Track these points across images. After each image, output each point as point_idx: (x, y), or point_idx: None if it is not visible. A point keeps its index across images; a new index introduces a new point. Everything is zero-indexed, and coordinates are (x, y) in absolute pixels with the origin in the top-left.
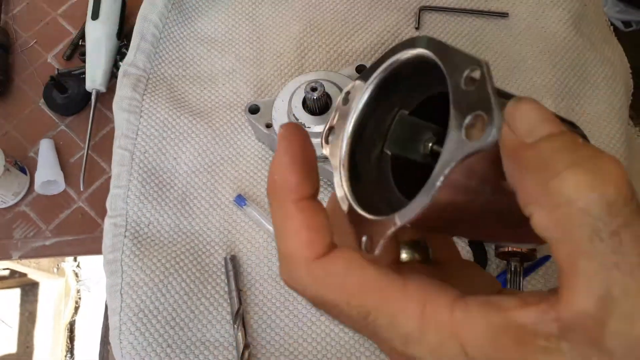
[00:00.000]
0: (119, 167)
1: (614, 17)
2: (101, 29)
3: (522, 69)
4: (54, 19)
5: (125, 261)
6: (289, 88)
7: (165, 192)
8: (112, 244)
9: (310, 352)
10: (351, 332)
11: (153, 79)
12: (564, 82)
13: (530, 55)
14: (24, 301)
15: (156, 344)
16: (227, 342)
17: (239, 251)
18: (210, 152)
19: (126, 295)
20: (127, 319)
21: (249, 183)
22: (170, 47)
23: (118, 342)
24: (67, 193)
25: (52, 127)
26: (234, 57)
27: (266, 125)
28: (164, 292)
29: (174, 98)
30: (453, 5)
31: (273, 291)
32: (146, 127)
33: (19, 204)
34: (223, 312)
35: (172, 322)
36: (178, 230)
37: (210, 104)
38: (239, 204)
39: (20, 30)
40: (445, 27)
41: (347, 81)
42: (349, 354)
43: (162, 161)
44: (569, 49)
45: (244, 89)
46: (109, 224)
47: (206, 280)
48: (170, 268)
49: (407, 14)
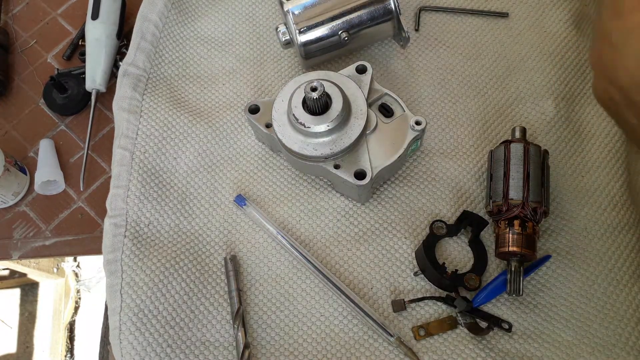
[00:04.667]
0: (119, 167)
1: None
2: (101, 28)
3: (522, 69)
4: (54, 19)
5: (125, 261)
6: (289, 88)
7: (165, 192)
8: (112, 244)
9: (310, 352)
10: (351, 332)
11: (153, 78)
12: (564, 82)
13: (530, 55)
14: (24, 301)
15: (156, 344)
16: (227, 342)
17: (239, 251)
18: (210, 152)
19: (126, 295)
20: (127, 319)
21: (249, 183)
22: (170, 46)
23: (118, 342)
24: (67, 193)
25: (52, 127)
26: (234, 57)
27: (266, 125)
28: (164, 292)
29: (174, 98)
30: (453, 5)
31: (273, 291)
32: (146, 127)
33: (19, 204)
34: (223, 312)
35: (172, 322)
36: (178, 230)
37: (210, 104)
38: (239, 204)
39: (20, 30)
40: (445, 27)
41: (347, 81)
42: (349, 354)
43: (162, 161)
44: (569, 49)
45: (244, 89)
46: (109, 224)
47: (206, 280)
48: (170, 268)
49: (407, 14)
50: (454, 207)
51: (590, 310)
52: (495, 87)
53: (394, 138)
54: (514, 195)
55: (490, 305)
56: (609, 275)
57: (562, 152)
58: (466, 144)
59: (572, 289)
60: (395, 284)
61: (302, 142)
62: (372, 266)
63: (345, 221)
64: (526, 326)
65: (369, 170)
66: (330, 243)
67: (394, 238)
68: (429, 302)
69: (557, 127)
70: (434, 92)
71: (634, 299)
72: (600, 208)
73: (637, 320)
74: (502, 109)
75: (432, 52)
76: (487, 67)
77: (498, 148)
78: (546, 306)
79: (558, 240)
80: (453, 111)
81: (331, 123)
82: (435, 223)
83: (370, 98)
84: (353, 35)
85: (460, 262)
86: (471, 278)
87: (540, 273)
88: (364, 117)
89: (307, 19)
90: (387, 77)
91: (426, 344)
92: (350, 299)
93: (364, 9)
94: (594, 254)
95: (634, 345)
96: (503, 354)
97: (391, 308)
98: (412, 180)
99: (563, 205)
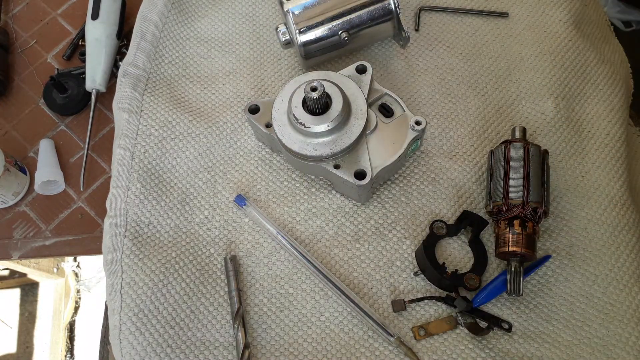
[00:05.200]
0: (119, 167)
1: (614, 17)
2: (101, 28)
3: (522, 69)
4: (54, 19)
5: (125, 261)
6: (289, 88)
7: (165, 192)
8: (112, 244)
9: (310, 352)
10: (351, 332)
11: (153, 78)
12: (564, 82)
13: (530, 55)
14: (24, 301)
15: (156, 344)
16: (227, 342)
17: (239, 251)
18: (210, 152)
19: (126, 295)
20: (127, 319)
21: (249, 183)
22: (170, 46)
23: (118, 342)
24: (67, 193)
25: (52, 127)
26: (234, 57)
27: (266, 125)
28: (164, 292)
29: (174, 98)
30: (453, 5)
31: (273, 291)
32: (146, 127)
33: (19, 204)
34: (223, 312)
35: (172, 322)
36: (178, 230)
37: (210, 104)
38: (239, 204)
39: (20, 30)
40: (445, 27)
41: (347, 81)
42: (349, 354)
43: (162, 161)
44: (569, 49)
45: (244, 89)
46: (109, 224)
47: (206, 280)
48: (170, 268)
49: (407, 14)
50: (454, 207)
51: (590, 310)
52: (495, 87)
53: (394, 138)
54: (514, 195)
55: (490, 305)
56: (609, 275)
57: (562, 152)
58: (466, 144)
59: (572, 289)
60: (395, 284)
61: (302, 142)
62: (372, 266)
63: (345, 221)
64: (526, 326)
65: (369, 170)
66: (330, 243)
67: (394, 238)
68: (429, 302)
69: (557, 127)
70: (434, 92)
71: (634, 299)
72: (600, 208)
73: (637, 320)
74: (502, 109)
75: (432, 52)
76: (487, 67)
77: (498, 148)
78: (546, 306)
79: (558, 240)
80: (453, 111)
81: (331, 123)
82: (435, 223)
83: (370, 98)
84: (353, 35)
85: (460, 262)
86: (471, 278)
87: (540, 273)
88: (364, 117)
89: (307, 19)
90: (387, 77)
91: (426, 344)
92: (350, 299)
93: (363, 9)
94: (594, 254)
95: (634, 345)
96: (503, 354)
97: (391, 308)
98: (412, 180)
99: (563, 205)
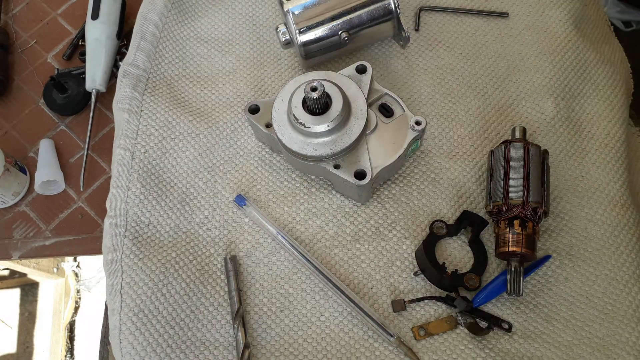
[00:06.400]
0: (119, 167)
1: (614, 17)
2: (101, 29)
3: (522, 69)
4: (53, 19)
5: (125, 261)
6: (289, 88)
7: (165, 192)
8: (112, 244)
9: (310, 352)
10: (351, 332)
11: (153, 78)
12: (564, 82)
13: (530, 55)
14: (24, 301)
15: (156, 344)
16: (227, 342)
17: (239, 251)
18: (210, 152)
19: (126, 295)
20: (127, 319)
21: (249, 183)
22: (170, 46)
23: (118, 342)
24: (67, 193)
25: (52, 127)
26: (234, 57)
27: (266, 125)
28: (164, 292)
29: (174, 98)
30: (453, 5)
31: (273, 291)
32: (146, 127)
33: (19, 204)
34: (223, 312)
35: (172, 322)
36: (178, 230)
37: (210, 104)
38: (239, 204)
39: (20, 30)
40: (445, 27)
41: (347, 81)
42: (349, 354)
43: (162, 161)
44: (569, 49)
45: (244, 89)
46: (109, 224)
47: (206, 280)
48: (170, 268)
49: (407, 14)
50: (454, 207)
51: (590, 310)
52: (495, 87)
53: (394, 138)
54: (514, 195)
55: (490, 305)
56: (609, 275)
57: (562, 152)
58: (466, 144)
59: (572, 289)
60: (395, 284)
61: (302, 142)
62: (372, 266)
63: (345, 221)
64: (526, 326)
65: (369, 170)
66: (330, 243)
67: (394, 238)
68: (429, 302)
69: (557, 127)
70: (434, 92)
71: (634, 299)
72: (600, 208)
73: (637, 320)
74: (502, 109)
75: (432, 52)
76: (487, 67)
77: (498, 148)
78: (546, 306)
79: (558, 240)
80: (453, 111)
81: (331, 123)
82: (435, 223)
83: (370, 98)
84: (353, 35)
85: (460, 262)
86: (471, 278)
87: (540, 273)
88: (364, 117)
89: (307, 19)
90: (387, 77)
91: (426, 344)
92: (350, 299)
93: (363, 8)
94: (594, 254)
95: (634, 345)
96: (503, 354)
97: (391, 308)
98: (412, 180)
99: (563, 205)
